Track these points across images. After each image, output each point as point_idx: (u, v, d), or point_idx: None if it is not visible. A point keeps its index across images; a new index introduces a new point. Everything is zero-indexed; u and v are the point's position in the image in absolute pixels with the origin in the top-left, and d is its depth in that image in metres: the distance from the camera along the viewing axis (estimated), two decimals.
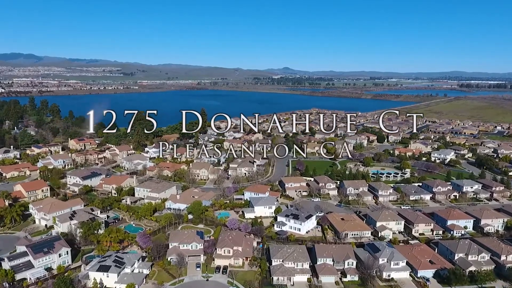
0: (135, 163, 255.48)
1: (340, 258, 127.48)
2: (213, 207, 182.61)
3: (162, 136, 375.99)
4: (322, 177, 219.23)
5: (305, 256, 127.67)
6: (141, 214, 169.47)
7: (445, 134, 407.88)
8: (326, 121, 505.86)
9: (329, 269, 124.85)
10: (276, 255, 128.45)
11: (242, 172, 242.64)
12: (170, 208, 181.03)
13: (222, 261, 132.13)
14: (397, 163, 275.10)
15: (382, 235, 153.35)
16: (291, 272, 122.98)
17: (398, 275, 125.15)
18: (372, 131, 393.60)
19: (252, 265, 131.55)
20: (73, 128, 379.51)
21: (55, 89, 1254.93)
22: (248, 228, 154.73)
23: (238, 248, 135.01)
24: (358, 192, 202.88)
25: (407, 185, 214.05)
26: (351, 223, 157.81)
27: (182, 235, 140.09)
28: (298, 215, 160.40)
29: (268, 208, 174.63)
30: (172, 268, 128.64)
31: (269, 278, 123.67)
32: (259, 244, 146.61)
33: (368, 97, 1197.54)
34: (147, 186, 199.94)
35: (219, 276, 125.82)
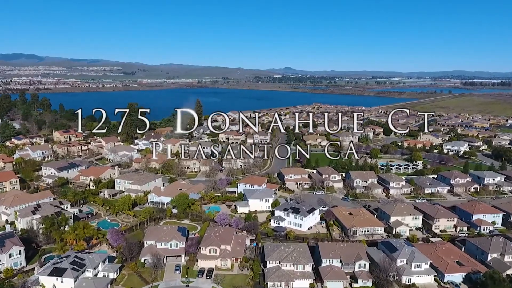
0: (121, 155, 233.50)
1: (350, 259, 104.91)
2: (202, 201, 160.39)
3: (155, 129, 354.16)
4: (326, 168, 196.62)
5: (306, 257, 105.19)
6: (118, 208, 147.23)
7: (455, 127, 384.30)
8: (329, 115, 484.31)
9: (336, 272, 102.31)
10: (271, 255, 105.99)
11: (238, 164, 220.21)
12: (153, 202, 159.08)
13: (207, 263, 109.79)
14: (406, 155, 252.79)
15: (398, 232, 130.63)
16: (290, 276, 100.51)
17: (420, 280, 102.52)
18: (378, 124, 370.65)
19: (243, 267, 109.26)
20: (60, 121, 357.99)
21: (53, 86, 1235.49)
22: (240, 223, 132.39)
23: (227, 247, 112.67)
24: (367, 185, 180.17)
25: (421, 177, 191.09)
26: (361, 218, 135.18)
27: (160, 232, 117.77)
28: (299, 208, 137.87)
29: (265, 201, 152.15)
30: (145, 271, 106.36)
31: (263, 284, 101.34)
32: (252, 243, 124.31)
33: (371, 94, 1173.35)
34: (128, 177, 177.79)
35: (202, 281, 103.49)
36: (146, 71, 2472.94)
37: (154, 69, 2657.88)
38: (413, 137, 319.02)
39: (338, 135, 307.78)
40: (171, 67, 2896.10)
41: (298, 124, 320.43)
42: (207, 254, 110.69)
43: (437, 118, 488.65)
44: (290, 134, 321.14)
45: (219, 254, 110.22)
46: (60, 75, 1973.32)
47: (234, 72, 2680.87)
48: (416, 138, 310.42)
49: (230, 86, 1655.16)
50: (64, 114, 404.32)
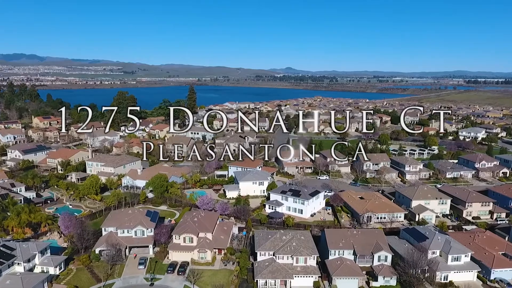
0: (101, 140, 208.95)
1: (366, 250, 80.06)
2: (185, 185, 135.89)
3: (146, 118, 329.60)
4: (330, 152, 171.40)
5: (310, 247, 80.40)
6: (82, 193, 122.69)
7: (468, 115, 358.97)
8: (332, 106, 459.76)
9: (349, 267, 77.43)
10: (263, 244, 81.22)
11: (231, 149, 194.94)
12: (127, 186, 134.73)
13: (181, 255, 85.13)
14: (419, 142, 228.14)
15: (422, 219, 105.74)
16: (288, 272, 75.72)
17: (460, 277, 77.65)
18: (385, 112, 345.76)
19: (227, 261, 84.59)
20: (44, 109, 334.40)
21: (49, 83, 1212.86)
22: (227, 208, 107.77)
23: (207, 236, 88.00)
24: (379, 168, 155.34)
25: (440, 161, 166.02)
26: (375, 202, 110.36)
27: (123, 217, 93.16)
28: (300, 191, 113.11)
29: (259, 184, 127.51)
30: (100, 265, 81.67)
31: (251, 282, 76.63)
32: (241, 231, 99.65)
33: (374, 91, 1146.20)
34: (101, 159, 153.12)
35: (172, 278, 78.81)
36: (146, 70, 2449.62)
37: (155, 68, 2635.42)
38: (423, 126, 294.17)
39: (342, 122, 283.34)
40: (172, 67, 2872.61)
41: (300, 112, 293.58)
42: (181, 244, 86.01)
43: (446, 110, 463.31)
44: (290, 122, 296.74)
45: (196, 244, 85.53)
46: (59, 74, 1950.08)
47: (235, 71, 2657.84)
48: (427, 126, 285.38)
49: (231, 84, 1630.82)
50: (50, 103, 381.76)
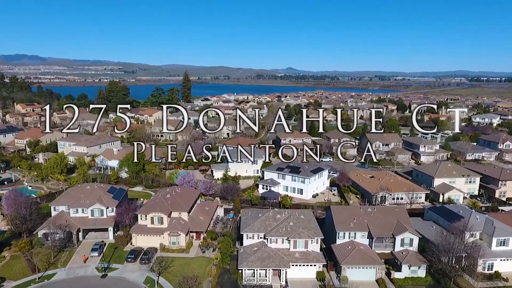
0: (84, 124, 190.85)
1: (385, 232, 61.63)
2: (167, 166, 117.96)
3: (138, 107, 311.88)
4: (336, 132, 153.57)
5: (312, 227, 62.05)
6: (45, 173, 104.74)
7: (480, 103, 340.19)
8: (334, 98, 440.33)
9: (363, 254, 59.03)
10: (251, 225, 62.85)
11: (224, 133, 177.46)
12: (101, 167, 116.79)
13: (147, 240, 66.97)
14: (429, 128, 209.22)
15: (449, 198, 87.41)
16: (282, 260, 57.37)
17: (508, 266, 59.16)
18: (390, 101, 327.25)
19: (206, 247, 66.40)
20: (31, 98, 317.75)
21: (47, 80, 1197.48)
22: (212, 187, 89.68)
23: (181, 216, 69.82)
24: (389, 149, 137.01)
25: (458, 142, 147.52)
26: (390, 180, 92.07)
27: (79, 193, 75.02)
28: (299, 167, 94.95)
29: (252, 163, 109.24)
30: (43, 252, 63.47)
31: (235, 272, 58.38)
32: (228, 213, 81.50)
33: (376, 87, 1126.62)
34: (74, 138, 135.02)
35: (132, 267, 60.62)
36: (147, 70, 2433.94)
37: (155, 68, 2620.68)
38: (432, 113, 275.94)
39: (346, 109, 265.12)
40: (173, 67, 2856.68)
41: (302, 103, 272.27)
42: (148, 226, 67.80)
43: (452, 102, 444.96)
44: (290, 110, 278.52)
45: (167, 226, 67.31)
46: (60, 73, 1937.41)
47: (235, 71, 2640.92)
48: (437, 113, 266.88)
49: (231, 82, 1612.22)
50: (39, 93, 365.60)
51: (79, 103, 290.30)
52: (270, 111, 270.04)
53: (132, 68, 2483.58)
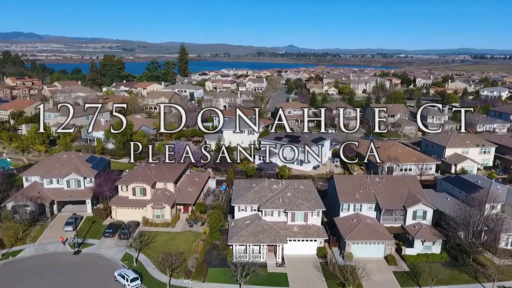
0: (74, 97, 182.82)
1: (395, 203, 54.52)
2: (158, 137, 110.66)
3: (133, 81, 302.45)
4: (338, 103, 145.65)
5: (312, 198, 54.94)
6: (26, 143, 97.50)
7: (487, 77, 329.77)
8: (336, 73, 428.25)
9: (370, 228, 52.11)
10: (244, 195, 55.75)
11: (221, 105, 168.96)
12: (87, 138, 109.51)
13: (128, 213, 60.11)
14: (436, 101, 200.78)
15: (462, 169, 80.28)
16: (278, 234, 50.51)
17: None
18: (394, 75, 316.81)
19: (195, 221, 59.65)
20: (22, 72, 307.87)
21: (44, 58, 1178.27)
22: (204, 158, 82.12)
23: (167, 187, 62.77)
24: (395, 121, 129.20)
25: (467, 114, 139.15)
26: (398, 150, 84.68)
27: (54, 162, 67.82)
28: (299, 137, 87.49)
29: (248, 133, 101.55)
30: (11, 227, 56.82)
31: (224, 249, 51.70)
32: (221, 186, 74.59)
33: (378, 64, 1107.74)
34: (59, 110, 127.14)
35: (110, 243, 53.93)
36: (146, 47, 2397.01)
37: (154, 46, 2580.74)
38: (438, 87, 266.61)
39: (348, 83, 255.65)
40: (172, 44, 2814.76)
41: (302, 78, 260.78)
42: (129, 198, 60.83)
43: (456, 77, 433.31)
44: (291, 84, 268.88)
45: (150, 198, 60.32)
46: (57, 51, 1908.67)
47: (236, 49, 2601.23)
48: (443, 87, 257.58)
49: (231, 59, 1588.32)
50: (33, 68, 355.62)
51: (72, 76, 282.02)
52: (270, 84, 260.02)
53: (130, 45, 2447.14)
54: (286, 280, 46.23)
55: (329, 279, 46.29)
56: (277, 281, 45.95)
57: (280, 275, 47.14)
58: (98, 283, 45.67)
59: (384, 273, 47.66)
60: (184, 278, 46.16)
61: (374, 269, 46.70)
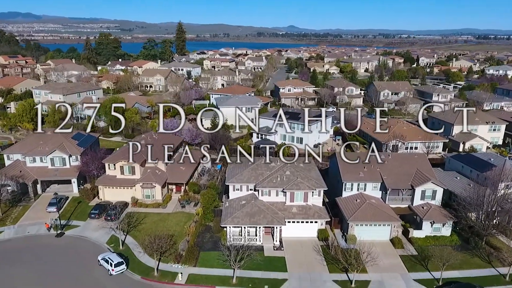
0: (67, 75, 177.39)
1: (402, 182, 50.57)
2: (152, 115, 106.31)
3: (129, 60, 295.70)
4: (339, 81, 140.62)
5: (312, 177, 50.96)
6: (13, 121, 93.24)
7: (492, 56, 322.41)
8: (337, 52, 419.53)
9: (374, 208, 48.33)
10: (239, 173, 51.77)
11: (218, 84, 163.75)
12: (78, 116, 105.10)
13: (115, 193, 56.35)
14: (440, 80, 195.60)
15: (471, 147, 76.28)
16: (276, 216, 46.76)
17: None
18: (397, 54, 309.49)
19: (188, 201, 55.99)
20: (16, 50, 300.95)
21: (41, 38, 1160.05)
22: (198, 136, 78.28)
23: (158, 166, 58.81)
24: (399, 99, 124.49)
25: (474, 91, 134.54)
26: (403, 127, 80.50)
27: (37, 140, 63.66)
28: (299, 113, 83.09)
29: (246, 110, 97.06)
30: None
31: (218, 231, 48.12)
32: (216, 165, 70.72)
33: (380, 45, 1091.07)
34: (50, 86, 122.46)
35: (96, 224, 50.23)
36: (144, 28, 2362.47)
37: (153, 26, 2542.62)
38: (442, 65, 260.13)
39: (350, 61, 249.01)
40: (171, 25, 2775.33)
41: (303, 58, 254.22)
42: (117, 177, 56.93)
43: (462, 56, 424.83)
44: (291, 62, 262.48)
45: (140, 177, 56.41)
46: (54, 31, 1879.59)
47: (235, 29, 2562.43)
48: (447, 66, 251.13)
49: (230, 39, 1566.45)
50: (27, 47, 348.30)
51: (67, 55, 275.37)
52: (270, 63, 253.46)
53: (129, 26, 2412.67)
54: (284, 265, 42.73)
55: (330, 264, 42.80)
56: (274, 266, 42.44)
57: (278, 259, 43.63)
58: (80, 268, 42.17)
59: (390, 257, 44.13)
60: (173, 262, 42.65)
61: (379, 253, 43.16)
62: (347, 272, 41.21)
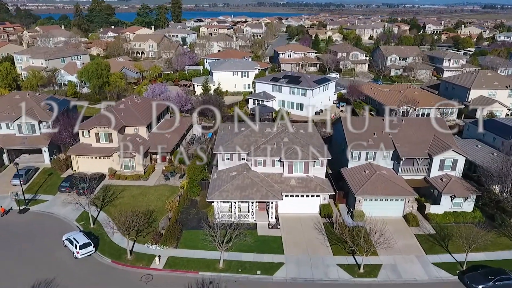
0: (55, 42, 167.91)
1: (417, 151, 43.76)
2: (141, 81, 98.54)
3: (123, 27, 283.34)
4: (343, 45, 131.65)
5: (314, 144, 44.07)
6: None
7: (502, 23, 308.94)
8: (340, 20, 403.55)
9: (385, 181, 41.70)
10: (229, 141, 44.91)
11: (214, 50, 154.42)
12: (61, 83, 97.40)
13: (91, 164, 49.78)
14: (448, 47, 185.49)
15: (491, 113, 69.15)
16: (272, 189, 40.27)
17: None
18: (403, 21, 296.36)
19: (172, 173, 49.51)
20: (7, 19, 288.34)
21: (35, 8, 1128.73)
22: (188, 101, 70.96)
23: (139, 133, 51.96)
24: (407, 64, 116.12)
25: (486, 57, 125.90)
26: (414, 92, 73.05)
27: (4, 104, 56.40)
28: (300, 77, 75.35)
29: (242, 75, 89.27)
30: None
31: (205, 206, 41.81)
32: (207, 133, 63.92)
33: (384, 14, 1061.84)
34: (32, 51, 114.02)
35: (67, 200, 43.70)
36: None
37: None
38: (450, 32, 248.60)
39: (354, 28, 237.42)
40: None
41: (305, 25, 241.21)
42: (92, 146, 50.18)
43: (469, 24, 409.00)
44: (292, 29, 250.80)
45: (118, 145, 49.67)
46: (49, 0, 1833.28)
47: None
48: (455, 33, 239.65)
49: (230, 9, 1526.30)
50: (18, 14, 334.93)
51: (58, 22, 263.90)
52: (269, 29, 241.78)
53: None
54: (281, 245, 36.63)
55: (334, 244, 36.70)
56: (269, 247, 36.34)
57: (273, 239, 37.50)
58: (42, 250, 36.11)
59: (404, 237, 37.97)
60: (151, 243, 36.52)
61: (392, 232, 36.97)
62: (354, 254, 35.16)
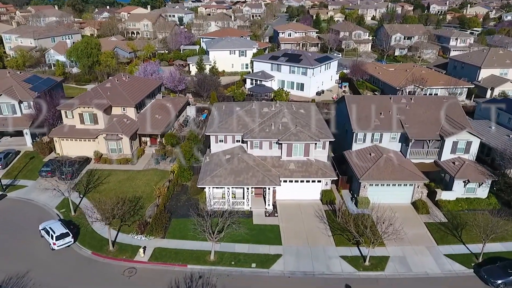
0: (48, 22, 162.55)
1: (428, 132, 40.13)
2: (134, 60, 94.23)
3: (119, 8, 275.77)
4: (346, 24, 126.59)
5: (317, 125, 40.46)
6: None
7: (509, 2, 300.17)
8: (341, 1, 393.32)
9: (392, 164, 38.24)
10: (223, 121, 41.26)
11: (212, 29, 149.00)
12: (51, 63, 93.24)
13: (75, 146, 46.31)
14: (454, 27, 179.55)
15: (503, 93, 65.35)
16: (269, 174, 36.88)
17: None
18: (406, 1, 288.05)
19: (163, 156, 46.08)
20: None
21: None
22: (181, 81, 67.03)
23: (126, 113, 48.28)
24: (413, 44, 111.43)
25: (494, 36, 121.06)
26: (421, 71, 68.99)
27: None
28: (300, 55, 71.10)
29: (240, 54, 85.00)
30: None
31: (197, 193, 38.52)
32: (201, 114, 60.25)
33: None
34: (20, 30, 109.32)
35: (47, 185, 40.21)
36: None
37: None
38: (456, 12, 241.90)
39: (357, 8, 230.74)
40: None
41: (305, 5, 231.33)
42: (76, 127, 46.63)
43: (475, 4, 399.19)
44: (292, 9, 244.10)
45: (105, 127, 46.11)
46: None
47: None
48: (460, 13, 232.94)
49: None
50: None
51: (52, 3, 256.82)
52: (269, 10, 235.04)
53: None
54: (278, 235, 33.47)
55: (337, 234, 33.54)
56: (265, 237, 33.19)
57: (270, 229, 34.33)
58: (17, 240, 33.02)
59: (413, 225, 34.78)
60: (136, 233, 33.38)
61: (400, 220, 33.72)
62: (358, 245, 32.03)
